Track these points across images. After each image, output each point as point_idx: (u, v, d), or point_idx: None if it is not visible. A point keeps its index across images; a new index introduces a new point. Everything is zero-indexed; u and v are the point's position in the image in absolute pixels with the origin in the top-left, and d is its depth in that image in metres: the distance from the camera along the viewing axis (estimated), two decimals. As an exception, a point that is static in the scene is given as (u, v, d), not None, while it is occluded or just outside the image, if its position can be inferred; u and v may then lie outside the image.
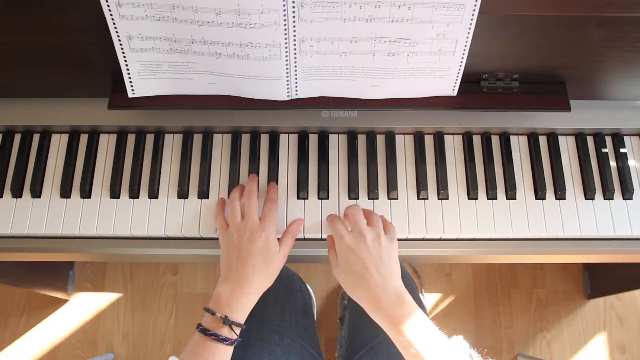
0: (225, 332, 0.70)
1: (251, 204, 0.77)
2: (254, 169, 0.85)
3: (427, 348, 0.67)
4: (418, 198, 0.84)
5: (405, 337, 0.68)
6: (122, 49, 0.73)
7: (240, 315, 0.72)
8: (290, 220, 0.82)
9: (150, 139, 0.88)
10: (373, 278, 0.70)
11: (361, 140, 0.88)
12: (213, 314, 0.70)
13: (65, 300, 1.64)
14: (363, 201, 0.84)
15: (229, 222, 0.78)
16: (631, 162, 0.87)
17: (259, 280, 0.74)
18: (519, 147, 0.88)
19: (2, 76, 0.82)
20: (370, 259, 0.71)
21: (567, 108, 0.81)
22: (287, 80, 0.77)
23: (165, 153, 0.87)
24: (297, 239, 0.82)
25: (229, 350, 0.71)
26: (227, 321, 0.70)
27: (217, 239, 0.83)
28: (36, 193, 0.84)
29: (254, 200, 0.78)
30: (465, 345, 0.70)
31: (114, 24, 0.69)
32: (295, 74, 0.76)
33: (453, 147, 0.88)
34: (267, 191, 0.82)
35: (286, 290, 1.01)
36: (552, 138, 0.88)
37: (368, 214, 0.77)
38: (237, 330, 0.71)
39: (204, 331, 0.70)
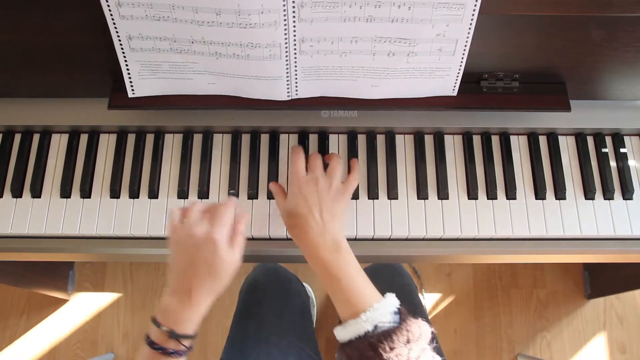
0: (172, 345, 0.67)
1: (211, 209, 0.72)
2: (254, 169, 0.85)
3: (358, 299, 0.68)
4: (418, 198, 0.84)
5: (338, 284, 0.69)
6: (122, 49, 0.73)
7: (189, 326, 0.68)
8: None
9: (150, 139, 0.88)
10: (314, 221, 0.71)
11: (361, 140, 0.88)
12: (159, 326, 0.67)
13: (65, 300, 1.64)
14: (363, 201, 0.84)
15: (183, 222, 0.73)
16: (631, 162, 0.87)
17: (208, 291, 0.70)
18: (519, 147, 0.88)
19: (2, 76, 0.82)
20: (316, 202, 0.72)
21: (567, 108, 0.81)
22: (287, 80, 0.77)
23: (165, 153, 0.87)
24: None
25: None
26: (173, 335, 0.67)
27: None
28: (36, 193, 0.84)
29: (214, 208, 0.73)
30: (396, 302, 0.68)
31: (114, 24, 0.69)
32: (295, 74, 0.76)
33: (453, 147, 0.88)
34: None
35: (284, 291, 1.01)
36: (552, 138, 0.88)
37: (333, 159, 0.78)
38: (187, 343, 0.68)
39: (152, 344, 0.67)
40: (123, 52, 0.73)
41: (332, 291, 0.71)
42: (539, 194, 0.84)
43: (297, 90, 0.79)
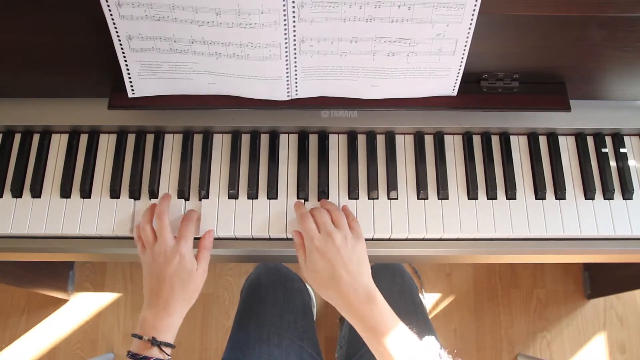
0: (155, 353, 0.70)
1: (162, 225, 0.76)
2: (254, 169, 0.85)
3: (396, 347, 0.68)
4: (418, 198, 0.84)
5: (375, 336, 0.69)
6: (122, 49, 0.73)
7: (168, 335, 0.72)
8: (289, 220, 0.82)
9: (150, 139, 0.88)
10: (342, 278, 0.71)
11: (361, 140, 0.88)
12: (140, 338, 0.71)
13: (65, 300, 1.64)
14: (363, 201, 0.84)
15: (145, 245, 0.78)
16: (631, 162, 0.87)
17: (180, 301, 0.74)
18: (519, 147, 0.88)
19: (2, 76, 0.82)
20: (340, 259, 0.72)
21: (567, 108, 0.81)
22: (287, 80, 0.77)
23: (165, 153, 0.87)
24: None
25: None
26: (155, 342, 0.70)
27: (217, 238, 0.83)
28: (36, 193, 0.84)
29: (164, 220, 0.76)
30: (436, 345, 0.70)
31: (114, 24, 0.69)
32: (295, 74, 0.76)
33: (453, 147, 0.88)
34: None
35: (285, 291, 1.01)
36: (552, 138, 0.88)
37: (333, 211, 0.77)
38: (168, 350, 0.72)
39: (135, 356, 0.70)
40: (123, 52, 0.73)
41: (369, 342, 0.70)
42: (539, 194, 0.84)
43: (297, 90, 0.79)
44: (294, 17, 0.68)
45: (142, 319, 0.73)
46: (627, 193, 0.85)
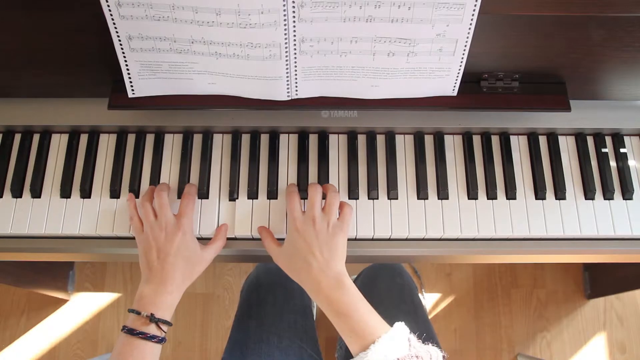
0: (153, 329, 0.70)
1: (162, 202, 0.76)
2: (254, 169, 0.85)
3: (365, 331, 0.67)
4: (418, 198, 0.84)
5: (345, 321, 0.69)
6: (122, 49, 0.73)
7: (166, 312, 0.72)
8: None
9: (150, 139, 0.88)
10: (316, 260, 0.71)
11: (361, 140, 0.88)
12: (138, 313, 0.70)
13: (65, 300, 1.64)
14: (363, 201, 0.84)
15: (143, 222, 0.78)
16: (631, 162, 0.87)
17: (181, 279, 0.74)
18: (519, 147, 0.88)
19: (2, 76, 0.82)
20: (316, 243, 0.72)
21: (567, 108, 0.81)
22: (287, 80, 0.77)
23: (165, 153, 0.87)
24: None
25: (157, 348, 0.70)
26: (153, 319, 0.69)
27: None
28: (36, 193, 0.84)
29: (164, 197, 0.77)
30: (405, 330, 0.68)
31: (114, 24, 0.69)
32: (295, 74, 0.76)
33: (453, 147, 0.88)
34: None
35: (285, 291, 1.01)
36: (552, 138, 0.88)
37: (329, 192, 0.78)
38: (165, 328, 0.71)
39: (131, 331, 0.69)
40: (123, 52, 0.73)
41: (339, 327, 0.70)
42: (539, 194, 0.84)
43: (297, 90, 0.79)
44: (294, 17, 0.68)
45: (140, 295, 0.72)
46: (627, 193, 0.85)
